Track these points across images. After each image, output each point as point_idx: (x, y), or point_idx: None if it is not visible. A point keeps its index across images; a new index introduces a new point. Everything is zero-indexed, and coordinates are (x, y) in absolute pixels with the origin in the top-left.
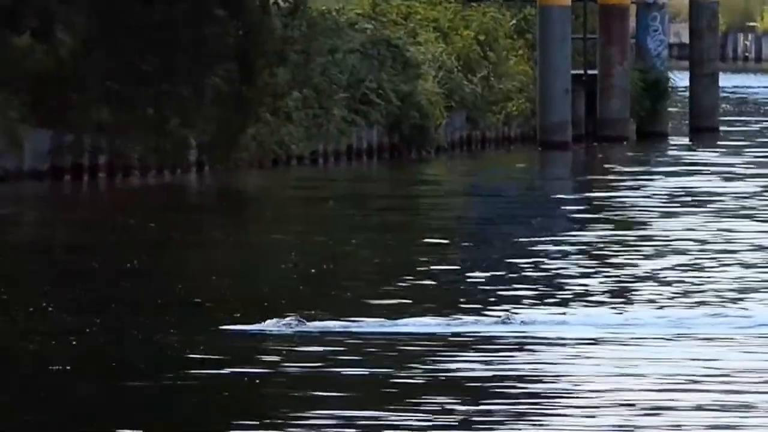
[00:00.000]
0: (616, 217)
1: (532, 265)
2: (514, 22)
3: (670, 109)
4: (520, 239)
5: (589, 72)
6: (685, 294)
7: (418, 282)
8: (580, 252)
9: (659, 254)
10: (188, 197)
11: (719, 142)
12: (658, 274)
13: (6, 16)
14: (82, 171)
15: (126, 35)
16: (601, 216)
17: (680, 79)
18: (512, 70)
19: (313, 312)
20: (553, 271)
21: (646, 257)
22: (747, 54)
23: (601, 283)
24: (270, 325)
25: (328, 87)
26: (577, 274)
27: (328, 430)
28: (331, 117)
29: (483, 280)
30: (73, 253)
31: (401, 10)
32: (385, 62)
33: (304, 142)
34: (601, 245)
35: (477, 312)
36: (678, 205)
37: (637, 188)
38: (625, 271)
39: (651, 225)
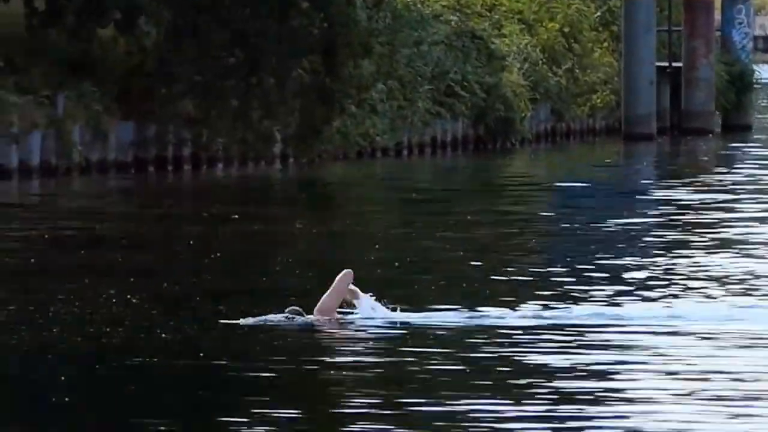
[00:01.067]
0: (701, 212)
1: (613, 260)
2: (598, 13)
3: (755, 101)
4: (603, 232)
5: (674, 64)
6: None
7: (497, 274)
8: (663, 246)
9: (745, 252)
10: (272, 189)
11: None
12: (752, 271)
13: (91, 8)
14: (167, 163)
15: (212, 28)
16: (685, 210)
17: (765, 71)
18: (597, 62)
19: (387, 301)
20: (632, 267)
21: (734, 255)
22: None
23: (694, 279)
24: (271, 318)
25: (412, 79)
26: (660, 270)
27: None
28: (416, 109)
29: (564, 272)
30: (156, 246)
31: (486, 1)
32: (470, 54)
33: (389, 134)
34: (684, 238)
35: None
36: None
37: (722, 181)
38: (715, 269)
39: (737, 221)
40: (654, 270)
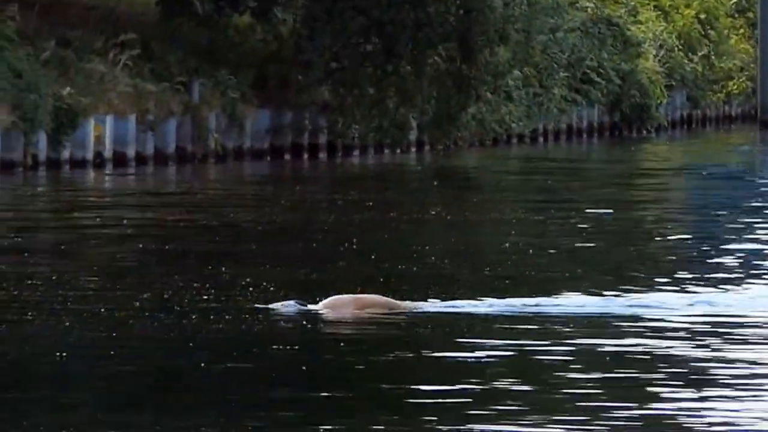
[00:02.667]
0: None
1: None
2: (734, 0)
3: None
4: (732, 220)
5: None
6: None
7: (635, 261)
8: None
9: None
10: (407, 176)
11: None
12: None
13: None
14: (302, 150)
15: (348, 15)
16: None
17: None
18: (733, 49)
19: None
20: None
21: None
22: None
23: None
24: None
25: (548, 66)
26: None
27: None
28: (552, 96)
29: (690, 258)
30: (292, 233)
31: None
32: (606, 41)
33: (525, 121)
34: None
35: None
36: None
37: None
38: None
39: None
40: None
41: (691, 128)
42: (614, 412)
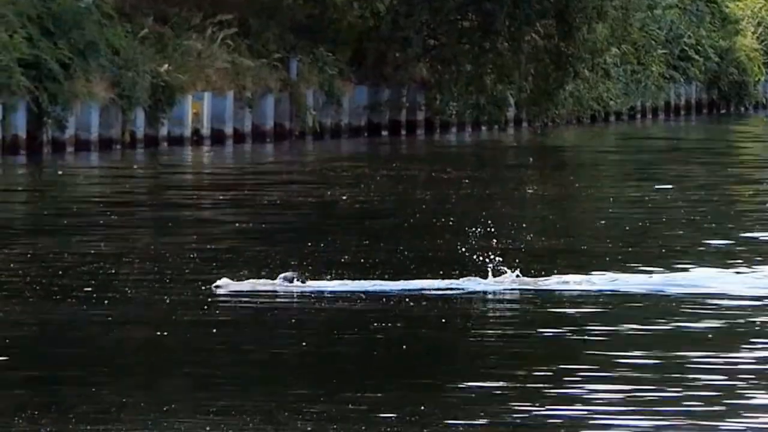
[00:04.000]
0: None
1: None
2: None
3: None
4: None
5: None
6: None
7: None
8: None
9: None
10: (504, 153)
11: None
12: None
13: None
14: (400, 127)
15: None
16: None
17: None
18: None
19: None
20: None
21: None
22: None
23: None
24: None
25: (646, 43)
26: None
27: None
28: (649, 73)
29: None
30: (389, 210)
31: None
32: (704, 18)
33: (622, 99)
34: None
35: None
36: None
37: None
38: None
39: None
40: None
41: None
42: None
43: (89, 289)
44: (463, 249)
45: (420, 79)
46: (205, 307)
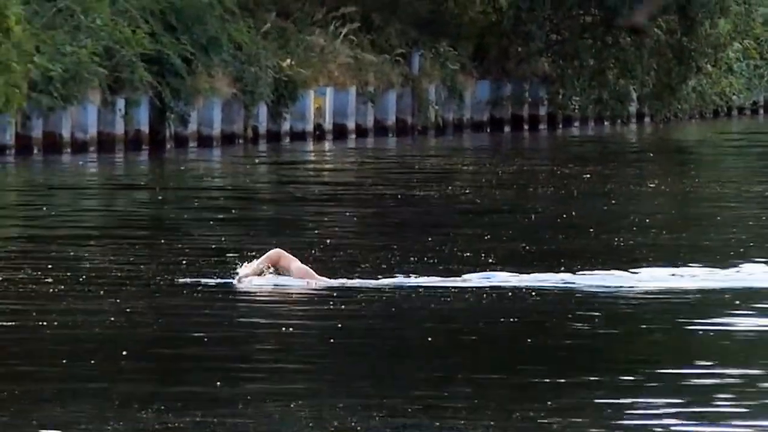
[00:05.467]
0: None
1: None
2: None
3: None
4: None
5: None
6: None
7: None
8: None
9: None
10: (627, 148)
11: None
12: None
13: None
14: (522, 122)
15: None
16: None
17: None
18: None
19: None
20: None
21: None
22: None
23: None
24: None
25: None
26: None
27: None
28: None
29: None
30: (508, 205)
31: None
32: None
33: (745, 93)
34: None
35: None
36: None
37: None
38: None
39: None
40: None
41: None
42: None
43: (212, 284)
44: (583, 243)
45: (542, 74)
46: (331, 302)
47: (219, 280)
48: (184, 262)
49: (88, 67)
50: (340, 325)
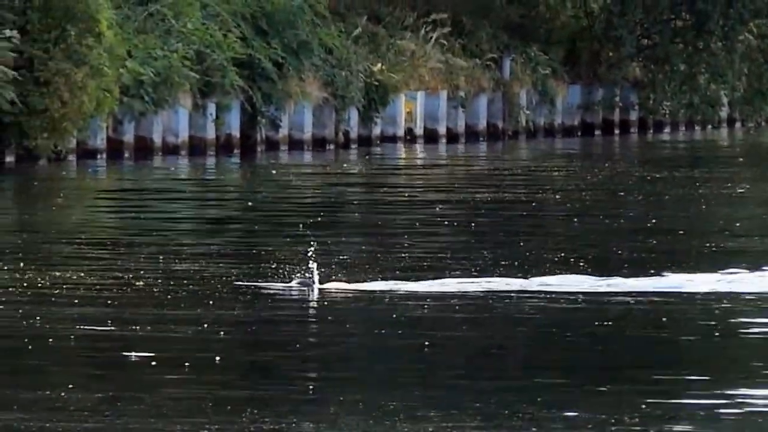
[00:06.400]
0: None
1: None
2: None
3: None
4: None
5: None
6: None
7: None
8: None
9: None
10: (718, 153)
11: None
12: None
13: None
14: (613, 126)
15: None
16: None
17: None
18: None
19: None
20: None
21: None
22: None
23: None
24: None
25: None
26: None
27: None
28: None
29: None
30: (597, 209)
31: None
32: None
33: None
34: None
35: None
36: None
37: None
38: None
39: None
40: None
41: None
42: None
43: (300, 288)
44: (674, 247)
45: (633, 79)
46: (426, 306)
47: (305, 285)
48: (272, 266)
49: (180, 71)
50: (430, 330)
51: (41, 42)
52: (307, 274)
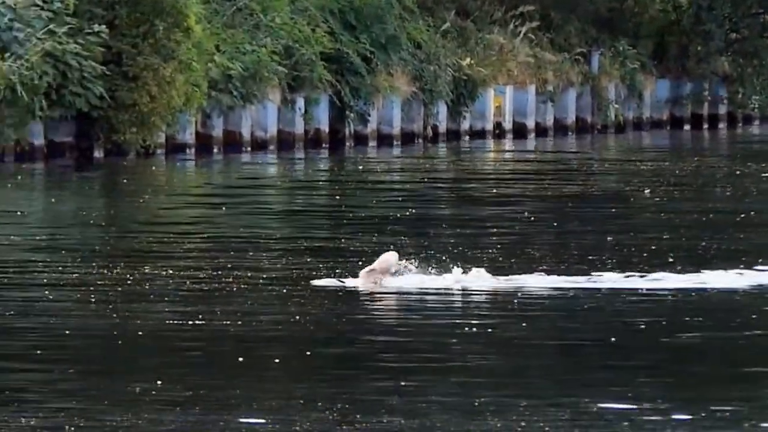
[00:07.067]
0: None
1: None
2: None
3: None
4: None
5: None
6: None
7: None
8: None
9: None
10: None
11: None
12: None
13: None
14: (702, 120)
15: None
16: None
17: None
18: None
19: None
20: None
21: None
22: None
23: None
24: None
25: None
26: None
27: None
28: None
29: None
30: (684, 203)
31: None
32: None
33: None
34: None
35: None
36: None
37: None
38: None
39: None
40: None
41: None
42: None
43: (389, 283)
44: (763, 242)
45: (722, 73)
46: (515, 302)
47: (396, 281)
48: (361, 262)
49: (268, 65)
50: (524, 324)
51: (130, 37)
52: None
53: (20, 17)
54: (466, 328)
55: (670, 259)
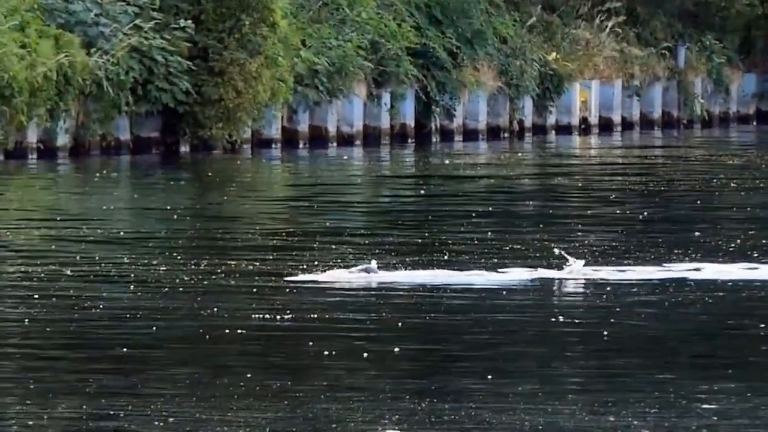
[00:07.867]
0: None
1: None
2: None
3: None
4: None
5: None
6: None
7: None
8: None
9: None
10: None
11: None
12: None
13: None
14: None
15: None
16: None
17: None
18: None
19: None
20: None
21: None
22: None
23: None
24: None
25: None
26: None
27: None
28: None
29: None
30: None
31: None
32: None
33: None
34: None
35: None
36: None
37: None
38: None
39: None
40: None
41: None
42: None
43: (478, 277)
44: None
45: None
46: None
47: (483, 277)
48: (445, 257)
49: (354, 60)
50: (560, 318)
51: (216, 32)
52: (367, 263)
53: (106, 12)
54: (553, 320)
55: (755, 254)
